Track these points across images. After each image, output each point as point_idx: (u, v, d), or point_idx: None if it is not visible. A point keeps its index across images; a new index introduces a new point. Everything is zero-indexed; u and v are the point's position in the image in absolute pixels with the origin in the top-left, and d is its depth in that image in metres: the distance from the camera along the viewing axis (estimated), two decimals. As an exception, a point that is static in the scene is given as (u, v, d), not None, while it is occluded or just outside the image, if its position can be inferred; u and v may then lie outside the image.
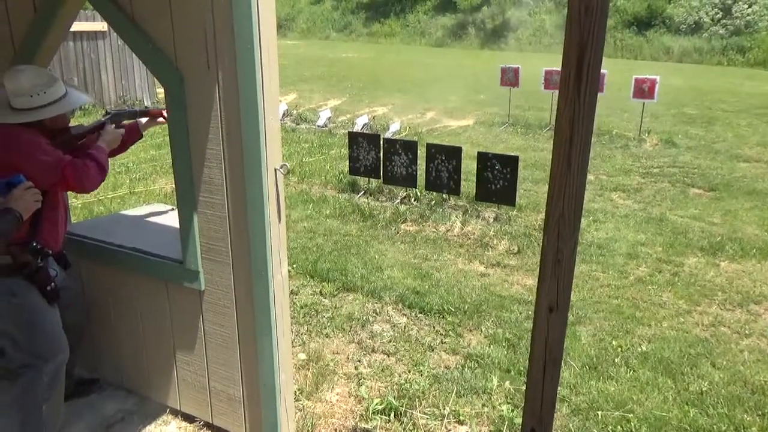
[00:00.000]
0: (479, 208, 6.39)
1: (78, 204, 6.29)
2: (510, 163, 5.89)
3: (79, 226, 3.19)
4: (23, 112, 2.29)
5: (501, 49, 29.50)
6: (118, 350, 3.06)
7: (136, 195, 6.84)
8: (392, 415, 3.03)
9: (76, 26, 11.21)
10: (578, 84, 1.60)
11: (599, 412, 3.10)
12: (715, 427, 3.05)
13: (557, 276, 1.78)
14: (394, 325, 4.03)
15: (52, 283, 2.44)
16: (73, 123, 2.64)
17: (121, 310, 2.98)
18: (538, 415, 1.98)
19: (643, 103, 10.34)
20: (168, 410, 3.00)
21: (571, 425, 2.99)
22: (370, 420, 3.00)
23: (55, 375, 2.50)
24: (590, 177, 8.15)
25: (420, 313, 4.20)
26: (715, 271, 5.07)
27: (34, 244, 2.36)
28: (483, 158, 6.05)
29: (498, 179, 5.95)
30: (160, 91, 14.00)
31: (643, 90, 10.15)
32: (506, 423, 2.95)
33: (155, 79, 13.34)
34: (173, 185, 7.52)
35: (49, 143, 2.33)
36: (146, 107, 2.82)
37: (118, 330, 3.02)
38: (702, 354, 3.77)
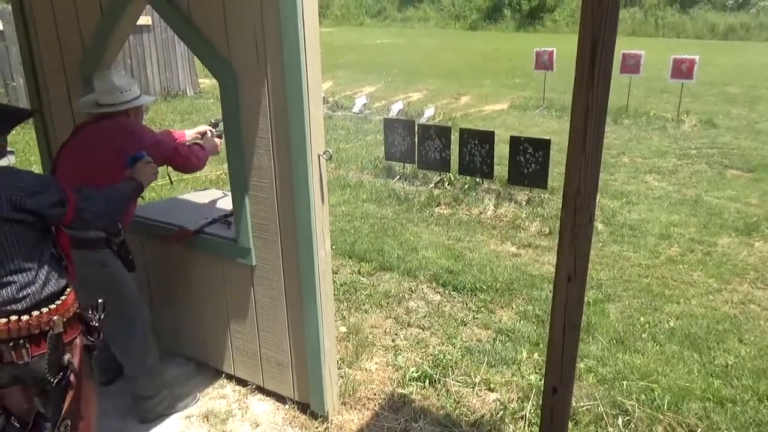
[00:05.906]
0: (512, 192, 6.52)
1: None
2: (542, 146, 6.00)
3: (141, 209, 3.50)
4: (114, 106, 2.71)
5: (537, 31, 29.07)
6: (178, 321, 3.38)
7: (184, 182, 7.21)
8: (427, 382, 3.27)
9: (123, 21, 11.68)
10: (591, 77, 1.76)
11: (624, 382, 3.26)
12: (738, 397, 3.17)
13: (575, 247, 1.96)
14: (428, 302, 4.25)
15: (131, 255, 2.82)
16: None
17: (181, 284, 3.30)
18: (558, 375, 2.18)
19: (682, 84, 10.20)
20: (223, 375, 3.32)
21: (596, 393, 3.17)
22: (407, 386, 3.24)
23: (145, 330, 2.88)
24: (625, 159, 8.16)
25: (453, 291, 4.41)
26: (749, 250, 5.11)
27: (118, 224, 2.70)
28: (515, 142, 6.17)
29: (530, 163, 6.07)
30: (202, 81, 14.46)
31: (682, 70, 10.01)
32: (534, 390, 3.15)
33: (197, 72, 13.81)
34: (217, 173, 7.80)
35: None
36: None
37: (178, 303, 3.34)
38: (730, 330, 3.87)
